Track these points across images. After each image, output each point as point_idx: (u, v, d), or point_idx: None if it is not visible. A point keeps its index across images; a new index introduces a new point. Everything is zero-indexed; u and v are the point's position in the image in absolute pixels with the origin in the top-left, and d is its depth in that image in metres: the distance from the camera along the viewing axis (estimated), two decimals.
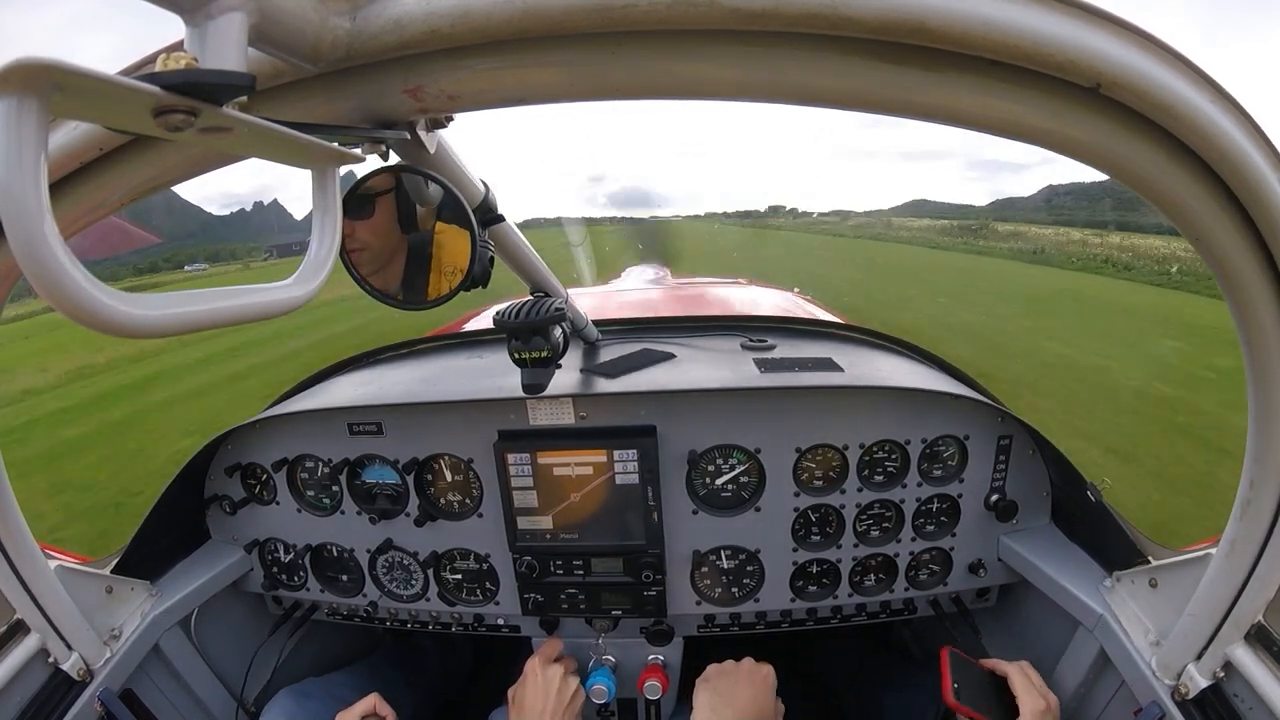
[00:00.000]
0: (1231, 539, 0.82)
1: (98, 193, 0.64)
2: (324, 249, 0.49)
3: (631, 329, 1.89)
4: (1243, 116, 0.54)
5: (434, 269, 0.71)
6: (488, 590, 1.49)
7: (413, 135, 0.61)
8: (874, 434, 1.33)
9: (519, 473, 1.33)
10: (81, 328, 0.33)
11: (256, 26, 0.40)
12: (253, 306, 0.42)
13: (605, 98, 0.53)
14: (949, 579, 1.42)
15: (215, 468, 1.49)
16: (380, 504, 1.45)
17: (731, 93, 0.52)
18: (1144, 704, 1.00)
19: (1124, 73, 0.47)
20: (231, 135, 0.40)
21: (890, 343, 1.77)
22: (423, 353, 1.89)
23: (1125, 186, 0.57)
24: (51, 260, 0.30)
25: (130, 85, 0.32)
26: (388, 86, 0.53)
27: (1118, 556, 1.16)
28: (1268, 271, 0.62)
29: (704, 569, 1.43)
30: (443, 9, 0.46)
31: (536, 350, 0.97)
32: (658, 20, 0.45)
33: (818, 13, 0.43)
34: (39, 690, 1.12)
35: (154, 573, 1.39)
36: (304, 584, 1.55)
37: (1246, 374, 0.72)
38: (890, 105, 0.51)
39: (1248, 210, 0.58)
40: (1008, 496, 1.35)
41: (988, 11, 0.44)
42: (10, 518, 0.98)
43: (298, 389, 1.71)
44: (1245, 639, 0.88)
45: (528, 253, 1.11)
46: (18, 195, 0.28)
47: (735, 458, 1.36)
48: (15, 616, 1.09)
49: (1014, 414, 1.30)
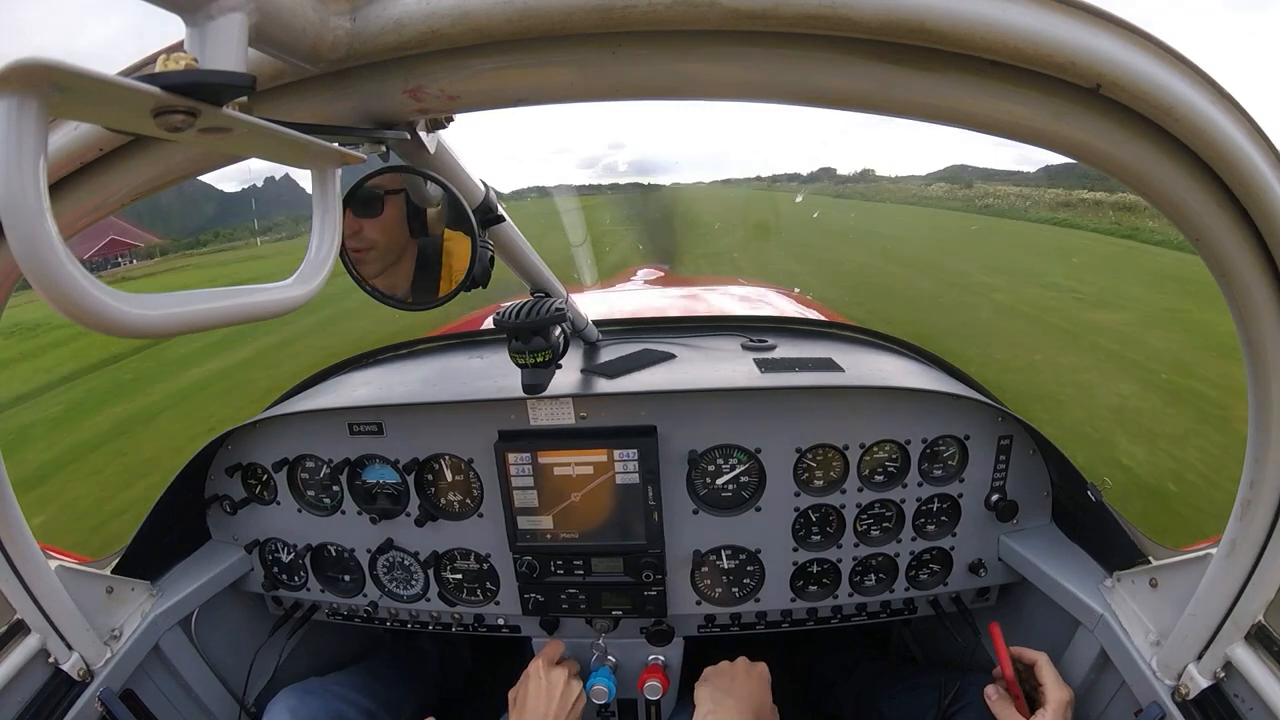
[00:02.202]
0: (1232, 539, 0.82)
1: (98, 193, 0.64)
2: (324, 249, 0.49)
3: (632, 329, 1.89)
4: (1243, 116, 0.54)
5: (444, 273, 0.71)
6: (488, 590, 1.49)
7: (413, 135, 0.61)
8: (874, 434, 1.33)
9: (519, 473, 1.33)
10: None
11: (256, 27, 0.40)
12: (252, 306, 0.42)
13: (605, 98, 0.53)
14: (949, 579, 1.42)
15: (215, 468, 1.49)
16: (381, 504, 1.45)
17: (731, 93, 0.52)
18: (1144, 704, 1.00)
19: (1124, 73, 0.47)
20: (231, 135, 0.40)
21: (890, 343, 1.77)
22: (423, 353, 1.89)
23: (1126, 187, 0.57)
24: (51, 260, 0.30)
25: (130, 86, 0.32)
26: (388, 87, 0.53)
27: (1118, 556, 1.16)
28: (1268, 271, 0.62)
29: (704, 569, 1.43)
30: (443, 9, 0.46)
31: (537, 350, 0.97)
32: (658, 20, 0.45)
33: (817, 13, 0.43)
34: (39, 690, 1.12)
35: (154, 573, 1.40)
36: (304, 584, 1.55)
37: (1247, 374, 0.72)
38: (890, 105, 0.51)
39: (1248, 210, 0.58)
40: (1008, 496, 1.35)
41: (988, 12, 0.44)
42: (10, 518, 0.98)
43: (298, 389, 1.72)
44: (1246, 639, 0.87)
45: (528, 253, 1.12)
46: (18, 195, 0.28)
47: (736, 458, 1.36)
48: (15, 616, 1.09)
49: (1014, 414, 1.30)
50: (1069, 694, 1.07)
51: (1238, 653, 0.87)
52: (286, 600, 1.61)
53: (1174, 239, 13.44)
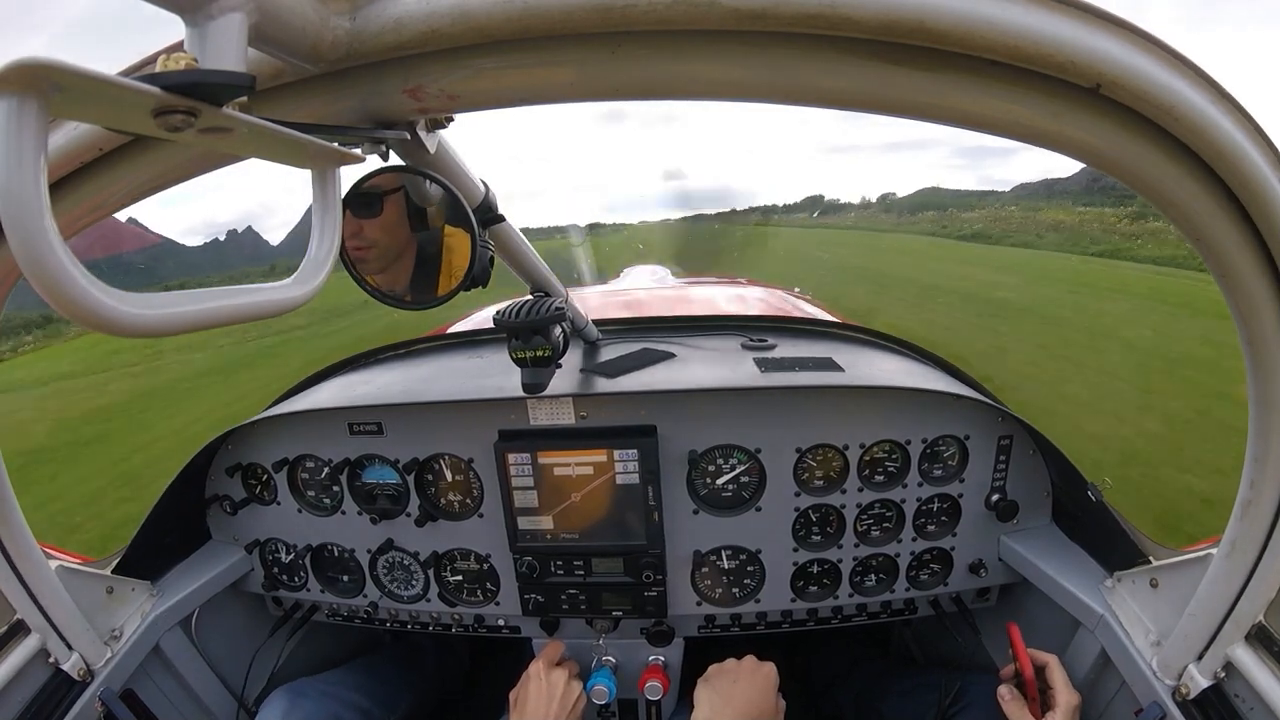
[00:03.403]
0: (1232, 539, 0.82)
1: (98, 193, 0.64)
2: (324, 249, 0.49)
3: (631, 329, 1.89)
4: (1243, 116, 0.54)
5: (444, 271, 0.71)
6: (488, 591, 1.49)
7: (413, 135, 0.61)
8: (874, 434, 1.33)
9: (519, 473, 1.33)
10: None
11: (256, 26, 0.40)
12: (252, 306, 0.42)
13: (605, 98, 0.53)
14: (949, 579, 1.42)
15: (216, 468, 1.49)
16: (381, 504, 1.45)
17: (731, 93, 0.52)
18: (1145, 704, 1.00)
19: (1124, 73, 0.47)
20: (231, 135, 0.40)
21: (890, 342, 1.77)
22: (423, 352, 1.89)
23: (1126, 186, 0.57)
24: (52, 260, 0.30)
25: (130, 85, 0.32)
26: (388, 86, 0.53)
27: (1118, 556, 1.16)
28: (1268, 271, 0.62)
29: (705, 569, 1.43)
30: (443, 9, 0.46)
31: (536, 350, 0.97)
32: (658, 20, 0.45)
33: (817, 13, 0.43)
34: (39, 690, 1.12)
35: (154, 573, 1.40)
36: (304, 584, 1.55)
37: (1247, 374, 0.72)
38: (890, 105, 0.51)
39: (1248, 210, 0.58)
40: (1008, 496, 1.35)
41: (988, 12, 0.44)
42: (10, 518, 0.98)
43: (298, 389, 1.71)
44: (1246, 639, 0.87)
45: (528, 253, 1.11)
46: (18, 195, 0.28)
47: (736, 458, 1.36)
48: (15, 616, 1.09)
49: (1014, 414, 1.30)
50: (1078, 698, 1.07)
51: (1238, 653, 0.87)
52: (286, 600, 1.61)
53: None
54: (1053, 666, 1.11)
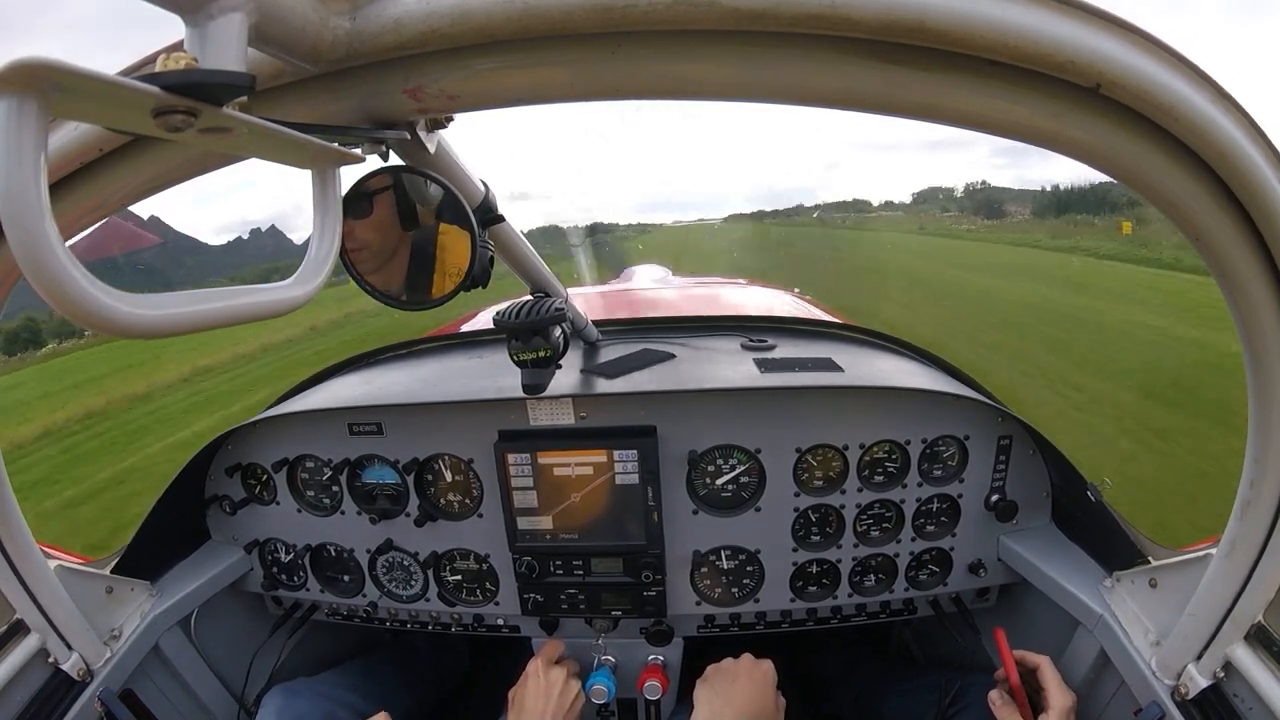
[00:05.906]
0: (1232, 539, 0.82)
1: (98, 193, 0.64)
2: (324, 249, 0.49)
3: (631, 329, 1.89)
4: (1243, 116, 0.54)
5: (438, 269, 0.71)
6: (488, 590, 1.49)
7: (413, 135, 0.61)
8: (874, 434, 1.33)
9: (519, 473, 1.33)
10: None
11: (256, 26, 0.40)
12: (253, 306, 0.42)
13: (605, 98, 0.53)
14: (949, 579, 1.42)
15: (215, 468, 1.49)
16: (380, 504, 1.45)
17: (731, 93, 0.52)
18: (1144, 704, 1.00)
19: (1124, 73, 0.47)
20: (231, 136, 0.40)
21: (890, 343, 1.77)
22: (422, 353, 1.89)
23: (1125, 186, 0.57)
24: (52, 260, 0.30)
25: (130, 85, 0.32)
26: (388, 86, 0.53)
27: (1118, 556, 1.16)
28: (1268, 271, 0.62)
29: (704, 569, 1.43)
30: (443, 9, 0.46)
31: (536, 350, 0.97)
32: (658, 20, 0.45)
33: (818, 13, 0.43)
34: (39, 690, 1.12)
35: (154, 573, 1.39)
36: (304, 584, 1.55)
37: (1247, 374, 0.72)
38: (890, 105, 0.51)
39: (1248, 210, 0.58)
40: (1008, 496, 1.35)
41: (988, 11, 0.44)
42: (10, 518, 0.98)
43: (298, 389, 1.71)
44: (1245, 639, 0.87)
45: (528, 253, 1.11)
46: (18, 195, 0.28)
47: (735, 458, 1.36)
48: (15, 616, 1.09)
49: (1014, 414, 1.30)
50: (1072, 699, 1.07)
51: (1237, 653, 0.87)
52: (286, 600, 1.61)
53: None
54: (1044, 668, 1.11)
